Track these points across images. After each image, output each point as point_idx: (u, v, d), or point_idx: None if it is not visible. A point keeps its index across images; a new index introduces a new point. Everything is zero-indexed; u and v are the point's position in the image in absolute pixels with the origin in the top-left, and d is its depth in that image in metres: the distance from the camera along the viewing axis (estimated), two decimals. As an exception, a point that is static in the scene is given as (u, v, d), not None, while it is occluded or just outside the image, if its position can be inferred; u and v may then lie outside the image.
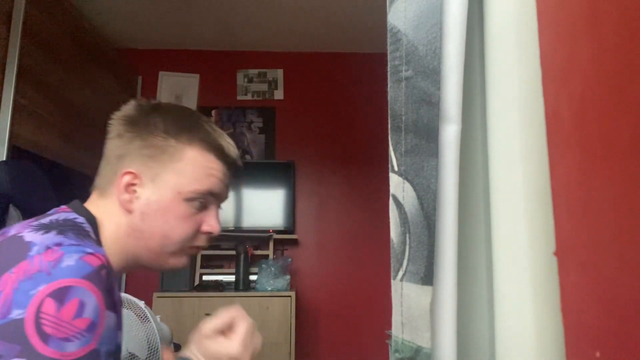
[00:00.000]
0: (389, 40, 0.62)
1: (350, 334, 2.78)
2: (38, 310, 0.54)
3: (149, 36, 2.92)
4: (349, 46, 3.03)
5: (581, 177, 0.41)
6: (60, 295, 0.55)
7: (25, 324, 0.53)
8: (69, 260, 0.58)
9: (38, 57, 1.93)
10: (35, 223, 0.66)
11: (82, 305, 0.56)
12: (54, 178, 1.94)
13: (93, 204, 0.76)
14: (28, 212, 1.42)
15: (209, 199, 0.77)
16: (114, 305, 0.61)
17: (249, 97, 3.06)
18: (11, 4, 1.78)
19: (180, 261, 0.78)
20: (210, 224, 0.78)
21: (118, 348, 0.62)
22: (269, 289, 2.41)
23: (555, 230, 0.46)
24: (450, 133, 0.55)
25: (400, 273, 0.57)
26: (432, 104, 0.55)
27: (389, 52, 0.62)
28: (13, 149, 1.74)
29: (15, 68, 1.75)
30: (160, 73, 3.03)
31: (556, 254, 0.46)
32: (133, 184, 0.74)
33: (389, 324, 0.59)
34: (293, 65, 3.10)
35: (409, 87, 0.58)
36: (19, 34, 1.77)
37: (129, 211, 0.73)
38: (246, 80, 3.08)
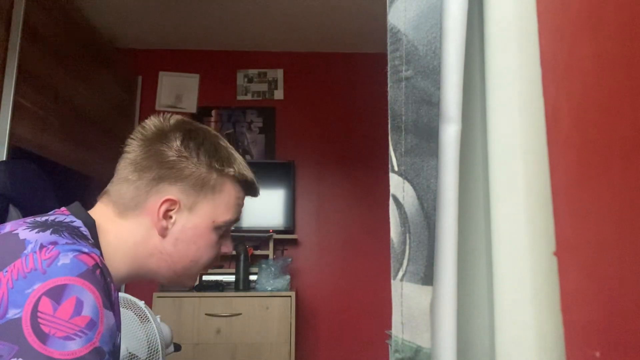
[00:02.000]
0: (389, 40, 0.62)
1: (350, 334, 2.78)
2: (34, 310, 0.53)
3: (149, 36, 2.92)
4: (349, 46, 3.03)
5: (581, 177, 0.41)
6: (56, 294, 0.55)
7: (22, 324, 0.53)
8: (64, 259, 0.57)
9: (38, 57, 1.93)
10: (30, 220, 0.65)
11: (79, 303, 0.55)
12: (54, 178, 1.94)
13: (104, 216, 0.74)
14: (28, 212, 1.42)
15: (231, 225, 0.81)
16: (111, 306, 0.61)
17: (249, 97, 3.06)
18: (11, 4, 1.78)
19: (194, 280, 0.83)
20: (227, 244, 0.83)
21: (117, 349, 0.61)
22: (269, 289, 2.41)
23: (555, 230, 0.46)
24: (450, 133, 0.55)
25: (400, 273, 0.57)
26: (432, 104, 0.55)
27: (389, 52, 0.62)
28: (13, 149, 1.74)
29: (15, 68, 1.75)
30: (160, 73, 3.03)
31: (556, 254, 0.46)
32: (170, 210, 0.75)
33: (389, 324, 0.59)
34: (293, 65, 3.10)
35: (409, 87, 0.58)
36: (19, 34, 1.77)
37: (164, 236, 0.75)
38: (246, 80, 3.08)
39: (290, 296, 2.35)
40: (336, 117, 3.03)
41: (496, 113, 0.55)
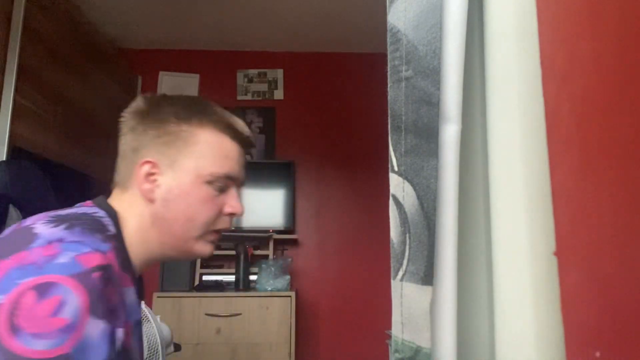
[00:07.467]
0: (389, 40, 0.62)
1: (350, 334, 2.78)
2: (17, 300, 0.52)
3: (149, 36, 2.92)
4: (349, 46, 3.02)
5: (581, 177, 0.41)
6: (42, 290, 0.54)
7: (0, 310, 0.52)
8: (64, 257, 0.57)
9: (38, 57, 1.93)
10: (53, 214, 0.66)
11: (62, 304, 0.53)
12: (54, 178, 1.94)
13: (116, 200, 0.76)
14: (28, 212, 1.41)
15: (227, 182, 0.77)
16: (108, 314, 0.57)
17: (249, 97, 3.05)
18: (11, 4, 1.78)
19: (206, 248, 0.77)
20: (232, 204, 0.78)
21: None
22: (269, 289, 2.41)
23: (555, 230, 0.46)
24: (450, 133, 0.55)
25: (400, 273, 0.57)
26: (432, 104, 0.55)
27: (389, 52, 0.62)
28: (13, 149, 1.74)
29: (15, 68, 1.75)
30: (160, 73, 3.03)
31: (556, 254, 0.46)
32: (152, 173, 0.74)
33: (389, 324, 0.59)
34: (293, 65, 3.09)
35: (409, 87, 0.58)
36: (19, 34, 1.77)
37: (151, 200, 0.74)
38: (246, 80, 3.08)
39: (290, 296, 2.35)
40: (336, 117, 3.03)
41: (496, 113, 0.55)
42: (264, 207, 2.86)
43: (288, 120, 3.03)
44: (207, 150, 0.75)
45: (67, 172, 2.16)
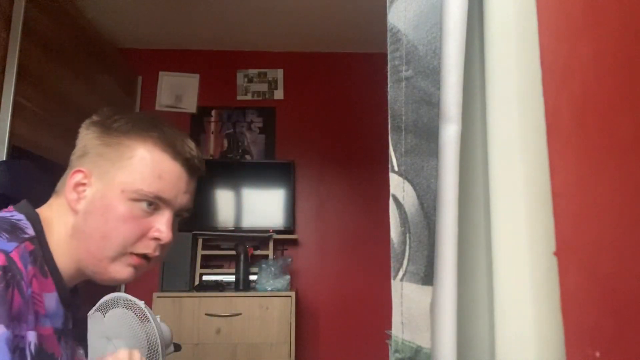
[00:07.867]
0: (389, 40, 0.62)
1: (350, 334, 2.78)
2: None
3: (149, 36, 2.92)
4: (349, 46, 3.02)
5: (581, 177, 0.41)
6: None
7: None
8: None
9: (38, 57, 1.93)
10: None
11: None
12: (54, 178, 1.94)
13: (47, 206, 0.73)
14: (28, 212, 1.41)
15: (158, 203, 0.72)
16: (10, 318, 0.55)
17: (249, 97, 3.05)
18: (11, 4, 1.78)
19: (122, 272, 0.71)
20: (159, 228, 0.71)
21: None
22: (269, 289, 2.41)
23: (555, 230, 0.46)
24: (450, 133, 0.55)
25: (400, 273, 0.57)
26: (432, 104, 0.55)
27: (389, 52, 0.62)
28: (13, 149, 1.74)
29: (15, 68, 1.75)
30: (160, 73, 3.03)
31: (556, 254, 0.46)
32: (83, 184, 0.71)
33: (389, 324, 0.59)
34: (293, 65, 3.09)
35: (409, 87, 0.58)
36: (19, 34, 1.77)
37: (75, 211, 0.70)
38: (246, 80, 3.08)
39: (290, 296, 2.35)
40: (336, 117, 3.03)
41: (496, 113, 0.55)
42: (263, 207, 2.86)
43: (288, 120, 3.03)
44: (140, 166, 0.70)
45: (67, 172, 2.16)
